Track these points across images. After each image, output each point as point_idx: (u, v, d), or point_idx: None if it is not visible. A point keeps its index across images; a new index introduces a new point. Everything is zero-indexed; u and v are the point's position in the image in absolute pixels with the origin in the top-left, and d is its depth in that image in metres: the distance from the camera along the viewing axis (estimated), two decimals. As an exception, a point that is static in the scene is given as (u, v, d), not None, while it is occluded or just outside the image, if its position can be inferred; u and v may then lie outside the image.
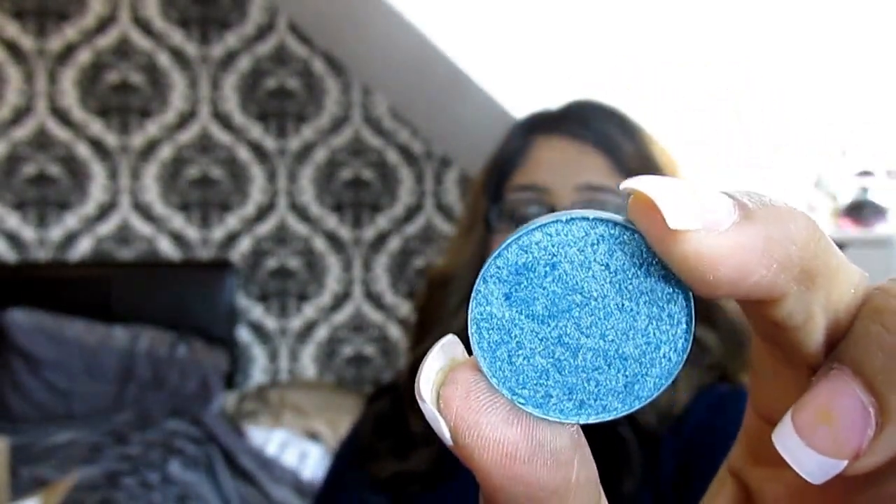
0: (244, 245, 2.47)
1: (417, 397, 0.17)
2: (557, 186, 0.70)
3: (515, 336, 0.17)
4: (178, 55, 2.40)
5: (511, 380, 0.17)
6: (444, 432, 0.16)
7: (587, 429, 0.18)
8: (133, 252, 2.40)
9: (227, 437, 1.92)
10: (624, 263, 0.16)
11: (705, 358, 0.68)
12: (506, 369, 0.17)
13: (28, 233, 2.36)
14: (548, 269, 0.17)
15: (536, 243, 0.17)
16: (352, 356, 2.56)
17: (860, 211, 1.82)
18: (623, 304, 0.16)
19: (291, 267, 2.50)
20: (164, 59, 2.39)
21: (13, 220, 2.35)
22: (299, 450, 1.99)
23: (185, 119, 2.41)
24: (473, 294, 0.17)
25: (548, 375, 0.17)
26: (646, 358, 0.17)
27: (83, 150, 2.36)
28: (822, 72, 1.82)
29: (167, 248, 2.42)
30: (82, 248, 2.38)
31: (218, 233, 2.45)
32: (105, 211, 2.39)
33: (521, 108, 1.68)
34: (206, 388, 2.14)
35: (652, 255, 0.16)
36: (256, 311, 2.50)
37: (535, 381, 0.17)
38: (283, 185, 2.48)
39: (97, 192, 2.38)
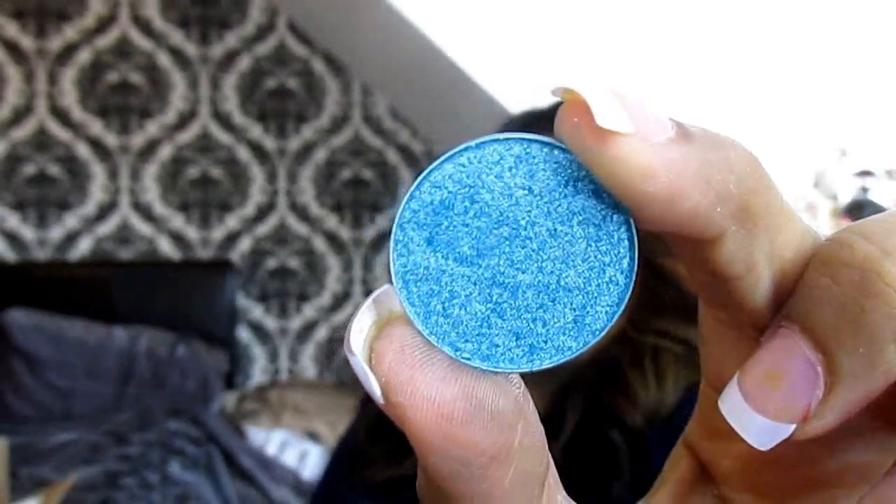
0: (244, 245, 2.47)
1: (346, 351, 0.15)
2: None
3: (446, 284, 0.15)
4: (178, 55, 2.40)
5: (450, 334, 0.15)
6: (375, 389, 0.15)
7: (576, 432, 0.17)
8: (133, 252, 2.40)
9: (227, 437, 1.93)
10: (548, 184, 0.15)
11: (694, 357, 0.68)
12: (442, 323, 0.15)
13: (28, 233, 2.36)
14: (467, 203, 0.15)
15: (449, 177, 0.15)
16: (352, 356, 2.56)
17: (860, 211, 1.82)
18: (556, 230, 0.15)
19: (291, 267, 2.50)
20: (164, 59, 2.39)
21: (13, 220, 2.35)
22: (299, 450, 1.99)
23: (185, 119, 2.41)
24: (392, 245, 0.15)
25: (489, 322, 0.15)
26: (591, 285, 0.15)
27: (83, 150, 2.36)
28: (822, 71, 1.82)
29: (167, 248, 2.42)
30: (82, 248, 2.38)
31: (218, 233, 2.45)
32: (105, 211, 2.39)
33: (521, 107, 1.68)
34: (206, 388, 2.14)
35: (578, 170, 0.15)
36: (256, 311, 2.50)
37: (476, 332, 0.15)
38: (283, 185, 2.48)
39: (97, 192, 2.38)
